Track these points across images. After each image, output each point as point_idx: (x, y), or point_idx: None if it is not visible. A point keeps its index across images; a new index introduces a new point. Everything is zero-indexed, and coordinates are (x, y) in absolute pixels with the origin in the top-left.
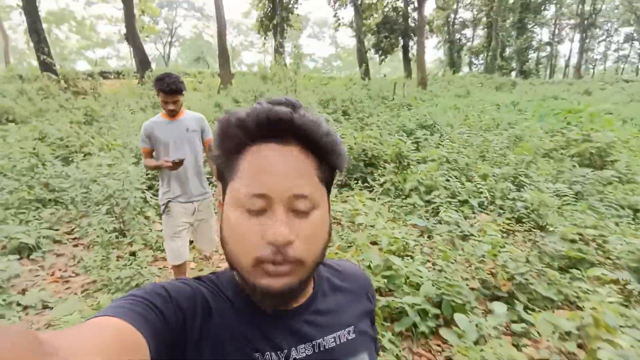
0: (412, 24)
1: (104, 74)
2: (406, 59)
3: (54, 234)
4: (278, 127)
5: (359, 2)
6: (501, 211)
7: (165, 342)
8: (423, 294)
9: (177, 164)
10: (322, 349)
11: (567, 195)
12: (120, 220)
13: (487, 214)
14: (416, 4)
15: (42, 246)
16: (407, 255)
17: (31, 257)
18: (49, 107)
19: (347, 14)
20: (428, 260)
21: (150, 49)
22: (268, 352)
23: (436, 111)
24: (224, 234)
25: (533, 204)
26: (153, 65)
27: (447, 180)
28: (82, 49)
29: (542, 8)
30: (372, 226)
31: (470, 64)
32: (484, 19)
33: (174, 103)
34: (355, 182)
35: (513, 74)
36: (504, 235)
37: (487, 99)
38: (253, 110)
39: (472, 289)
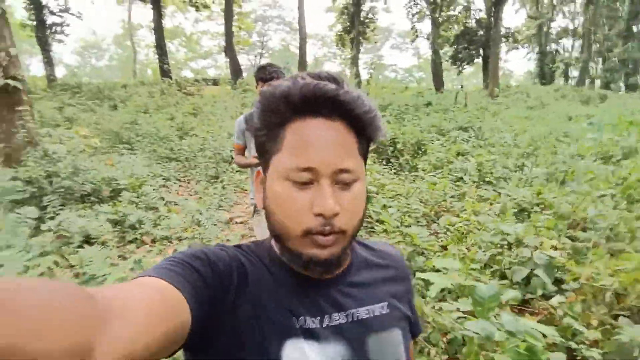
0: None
1: (204, 81)
2: (486, 71)
3: (177, 175)
4: (324, 103)
5: (437, 15)
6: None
7: (204, 302)
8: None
9: None
10: (355, 318)
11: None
12: (215, 169)
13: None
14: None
15: (171, 180)
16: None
17: (165, 185)
18: (168, 103)
19: (425, 26)
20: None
21: (243, 60)
22: (303, 317)
23: (486, 118)
24: (270, 206)
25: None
26: (245, 75)
27: (452, 162)
28: (187, 60)
29: None
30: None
31: (565, 76)
32: (579, 29)
33: None
34: (380, 161)
35: (621, 85)
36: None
37: (562, 111)
38: (296, 84)
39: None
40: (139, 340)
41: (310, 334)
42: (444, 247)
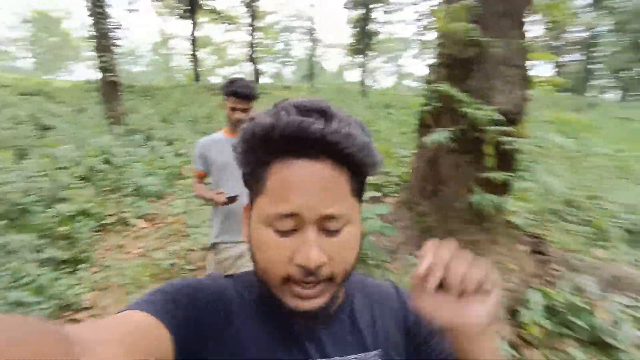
0: None
1: None
2: None
3: None
4: (309, 144)
5: None
6: None
7: (188, 339)
8: None
9: (232, 199)
10: None
11: None
12: None
13: None
14: None
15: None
16: None
17: None
18: (199, 99)
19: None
20: None
21: (268, 67)
22: None
23: None
24: (252, 249)
25: None
26: (268, 80)
27: None
28: (215, 67)
29: None
30: None
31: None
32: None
33: (243, 111)
34: None
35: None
36: None
37: (539, 115)
38: (279, 121)
39: None
40: None
41: None
42: None
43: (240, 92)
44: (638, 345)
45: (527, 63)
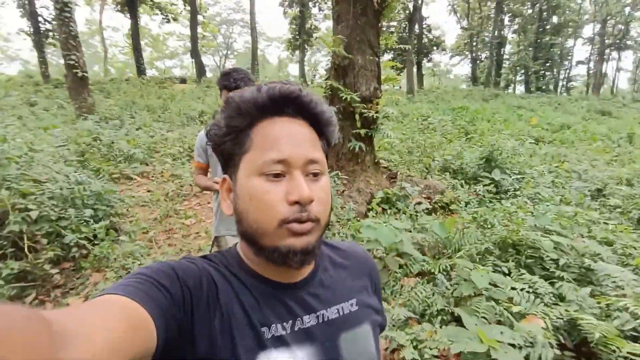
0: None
1: (175, 79)
2: (419, 74)
3: (165, 127)
4: (289, 102)
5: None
6: None
7: (173, 320)
8: None
9: None
10: (325, 319)
11: None
12: (186, 122)
13: None
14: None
15: (163, 129)
16: None
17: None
18: (150, 92)
19: None
20: None
21: (209, 60)
22: (274, 324)
23: None
24: (243, 205)
25: None
26: (209, 74)
27: None
28: (153, 59)
29: (563, 31)
30: None
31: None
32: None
33: None
34: None
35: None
36: None
37: (451, 104)
38: (262, 89)
39: None
40: None
41: (281, 342)
42: None
43: (232, 86)
44: (418, 209)
45: (380, 67)
